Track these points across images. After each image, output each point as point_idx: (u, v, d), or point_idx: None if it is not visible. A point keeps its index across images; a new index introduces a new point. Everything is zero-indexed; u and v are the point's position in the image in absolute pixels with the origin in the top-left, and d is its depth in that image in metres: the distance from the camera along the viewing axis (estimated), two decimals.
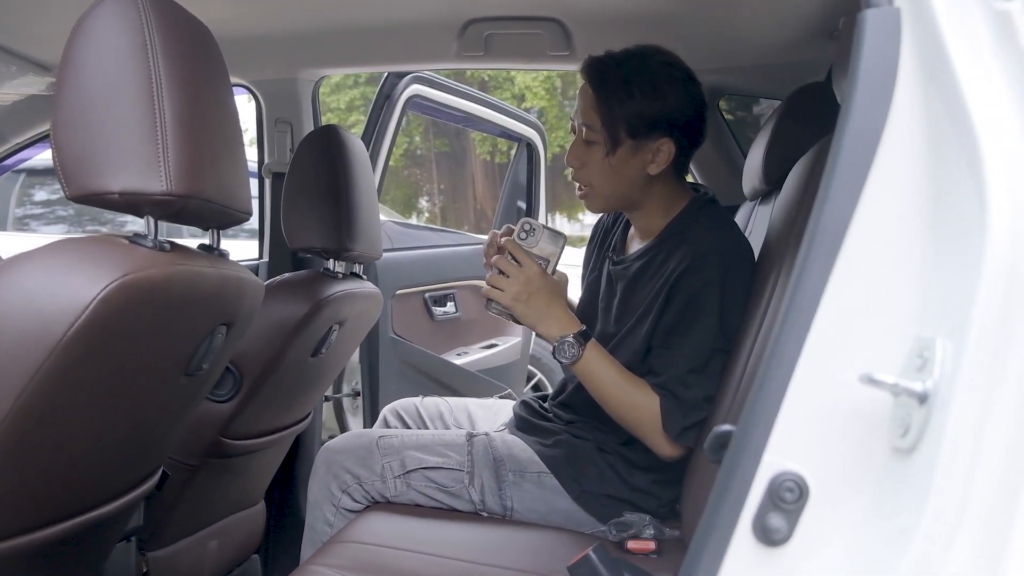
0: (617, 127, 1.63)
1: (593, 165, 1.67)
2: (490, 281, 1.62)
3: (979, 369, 0.64)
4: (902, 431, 0.66)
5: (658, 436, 1.59)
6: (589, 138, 1.66)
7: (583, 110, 1.67)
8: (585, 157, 1.68)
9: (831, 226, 0.72)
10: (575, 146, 1.70)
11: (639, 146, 1.64)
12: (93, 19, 1.09)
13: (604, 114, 1.63)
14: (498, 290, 1.60)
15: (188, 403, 1.44)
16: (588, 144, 1.67)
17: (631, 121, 1.62)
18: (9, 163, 2.50)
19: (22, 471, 1.09)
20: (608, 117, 1.63)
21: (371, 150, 2.67)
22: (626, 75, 1.63)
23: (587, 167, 1.69)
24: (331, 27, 2.17)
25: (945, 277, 0.69)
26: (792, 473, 0.70)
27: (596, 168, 1.67)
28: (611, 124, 1.63)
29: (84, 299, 1.00)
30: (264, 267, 2.60)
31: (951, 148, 0.71)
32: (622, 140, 1.64)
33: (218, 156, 1.19)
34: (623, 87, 1.62)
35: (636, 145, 1.64)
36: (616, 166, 1.65)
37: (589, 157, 1.68)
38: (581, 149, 1.69)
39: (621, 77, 1.63)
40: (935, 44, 0.73)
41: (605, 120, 1.63)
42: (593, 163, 1.67)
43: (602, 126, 1.64)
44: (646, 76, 1.62)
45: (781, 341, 0.73)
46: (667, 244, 1.66)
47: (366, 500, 1.74)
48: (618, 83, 1.63)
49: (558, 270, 1.65)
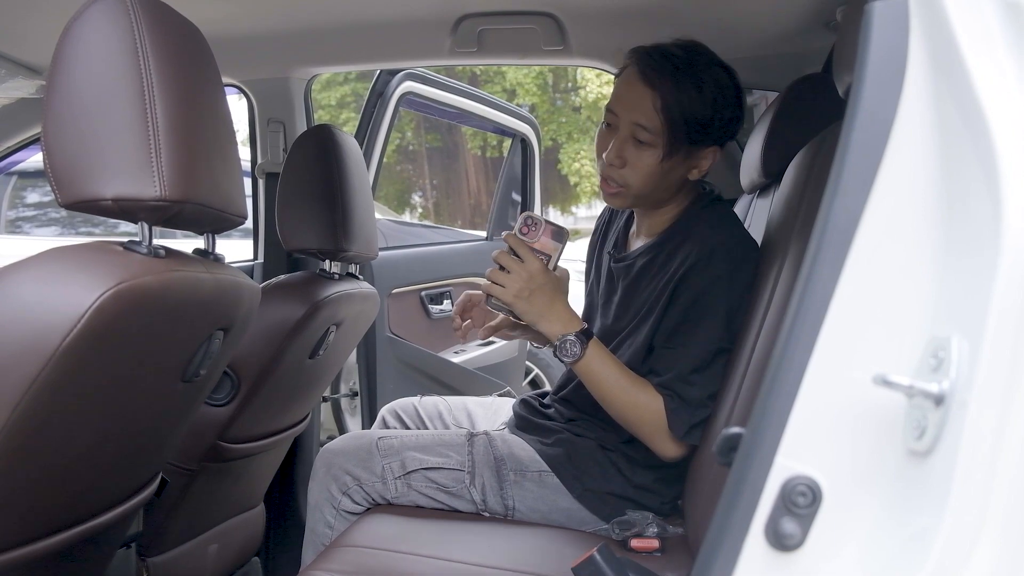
0: (681, 133, 1.56)
1: (640, 167, 1.60)
2: (491, 277, 1.59)
3: (997, 369, 0.63)
4: (918, 433, 0.65)
5: (661, 436, 1.58)
6: (643, 138, 1.58)
7: (640, 108, 1.57)
8: (632, 158, 1.60)
9: (841, 223, 0.71)
10: (620, 144, 1.60)
11: (692, 153, 1.60)
12: (82, 23, 1.07)
13: (671, 118, 1.56)
14: (499, 286, 1.58)
15: (186, 409, 1.42)
16: (638, 144, 1.59)
17: (697, 128, 1.57)
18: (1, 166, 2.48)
19: (20, 482, 1.08)
20: (676, 122, 1.56)
21: (365, 148, 2.65)
22: (699, 78, 1.55)
23: (631, 167, 1.61)
24: (323, 25, 2.15)
25: (959, 274, 0.68)
26: (805, 477, 0.69)
27: (643, 171, 1.60)
28: (677, 129, 1.56)
29: (79, 309, 0.99)
30: (259, 268, 2.58)
31: (963, 144, 0.69)
32: (681, 147, 1.58)
33: (212, 160, 1.17)
34: (697, 91, 1.55)
35: (690, 152, 1.60)
36: (666, 171, 1.60)
37: (638, 159, 1.60)
38: (629, 149, 1.60)
39: (694, 80, 1.55)
40: (945, 36, 0.72)
41: (671, 124, 1.56)
42: (641, 165, 1.60)
43: (665, 129, 1.56)
44: (715, 82, 1.56)
45: (791, 341, 0.71)
46: (671, 241, 1.64)
47: (366, 502, 1.73)
48: (692, 87, 1.55)
49: (559, 265, 1.63)
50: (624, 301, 1.69)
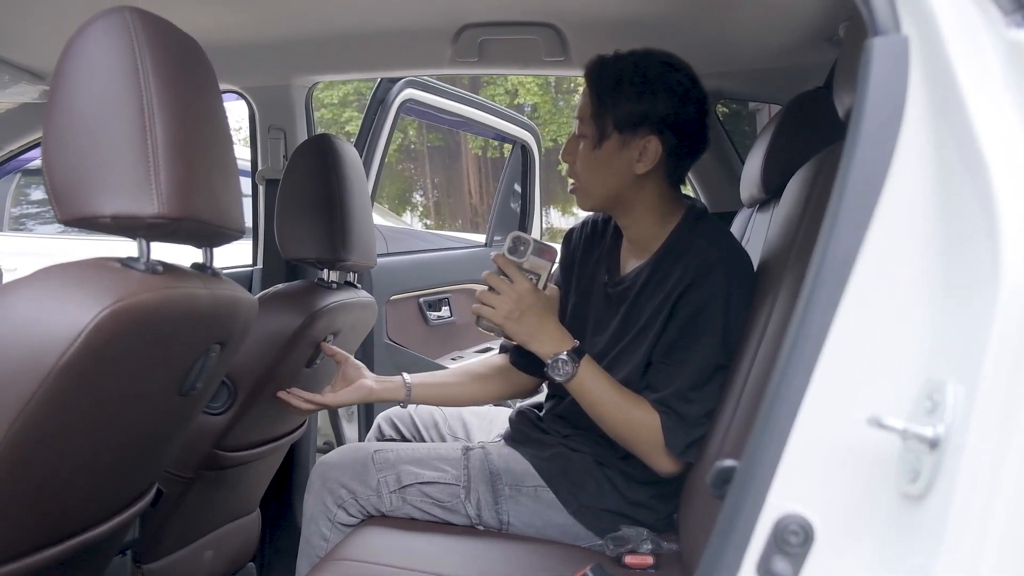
0: (605, 120, 1.63)
1: (581, 159, 1.67)
2: (480, 298, 1.59)
3: (992, 415, 0.63)
4: (912, 476, 0.65)
5: (657, 453, 1.57)
6: (581, 131, 1.67)
7: (580, 105, 1.68)
8: (576, 152, 1.68)
9: (837, 261, 0.71)
10: (569, 142, 1.71)
11: (625, 141, 1.63)
12: (83, 40, 1.07)
13: (594, 108, 1.64)
14: (489, 307, 1.58)
15: (183, 421, 1.42)
16: (580, 138, 1.67)
17: (618, 115, 1.62)
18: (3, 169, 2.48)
19: (16, 497, 1.08)
20: (597, 111, 1.64)
21: (365, 156, 2.65)
22: (620, 71, 1.63)
23: (579, 162, 1.68)
24: (324, 34, 2.15)
25: (956, 316, 0.67)
26: (797, 516, 0.69)
27: (583, 162, 1.67)
28: (599, 117, 1.64)
29: (76, 327, 0.99)
30: (258, 274, 2.58)
31: (962, 183, 0.69)
32: (609, 133, 1.63)
33: (210, 175, 1.17)
34: (614, 83, 1.63)
35: (623, 140, 1.63)
36: (602, 159, 1.65)
37: (578, 151, 1.68)
38: (573, 143, 1.69)
39: (615, 73, 1.63)
40: (945, 74, 0.72)
41: (595, 113, 1.64)
42: (582, 157, 1.67)
43: (591, 117, 1.64)
44: (640, 73, 1.63)
45: (785, 379, 0.71)
46: (668, 258, 1.64)
47: (361, 514, 1.72)
48: (610, 78, 1.64)
49: (549, 284, 1.63)
50: (623, 322, 1.68)
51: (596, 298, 1.77)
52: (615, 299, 1.71)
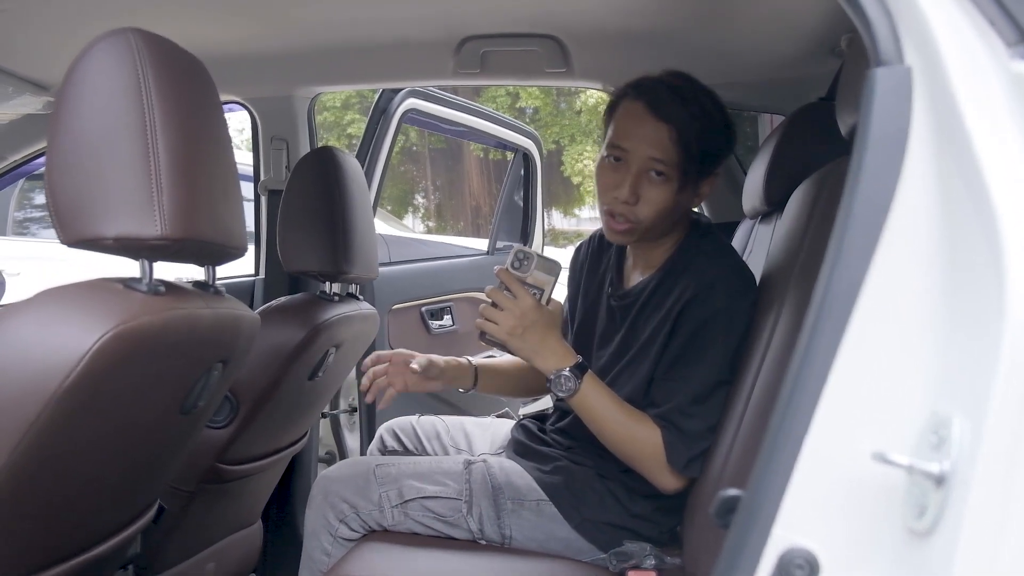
0: (694, 164, 1.57)
1: (655, 202, 1.58)
2: (484, 314, 1.58)
3: (1000, 451, 0.62)
4: (918, 512, 0.65)
5: (660, 469, 1.57)
6: (661, 171, 1.57)
7: (655, 143, 1.56)
8: (647, 193, 1.58)
9: (841, 292, 0.71)
10: (635, 180, 1.58)
11: (700, 182, 1.61)
12: (87, 62, 1.07)
13: (687, 150, 1.56)
14: (492, 323, 1.57)
15: (185, 438, 1.42)
16: (653, 179, 1.58)
17: (707, 157, 1.59)
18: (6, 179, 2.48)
19: (19, 519, 1.08)
20: (691, 153, 1.56)
21: (367, 166, 2.65)
22: (705, 109, 1.57)
23: (644, 202, 1.59)
24: (327, 46, 2.15)
25: (961, 350, 0.67)
26: (802, 549, 0.68)
27: (657, 205, 1.58)
28: (689, 159, 1.56)
29: (79, 351, 0.99)
30: (260, 284, 2.58)
31: (967, 215, 0.69)
32: (692, 180, 1.59)
33: (213, 195, 1.17)
34: (708, 121, 1.57)
35: (699, 182, 1.61)
36: (677, 202, 1.60)
37: (653, 193, 1.58)
38: (643, 185, 1.58)
39: (700, 111, 1.57)
40: (948, 105, 0.71)
41: (687, 156, 1.56)
42: (656, 199, 1.58)
43: (679, 161, 1.56)
44: (718, 112, 1.59)
45: (790, 410, 0.71)
46: (672, 274, 1.63)
47: (363, 529, 1.72)
48: (702, 117, 1.57)
49: (553, 299, 1.63)
50: (626, 337, 1.68)
51: (601, 312, 1.77)
52: (619, 313, 1.71)
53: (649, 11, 1.93)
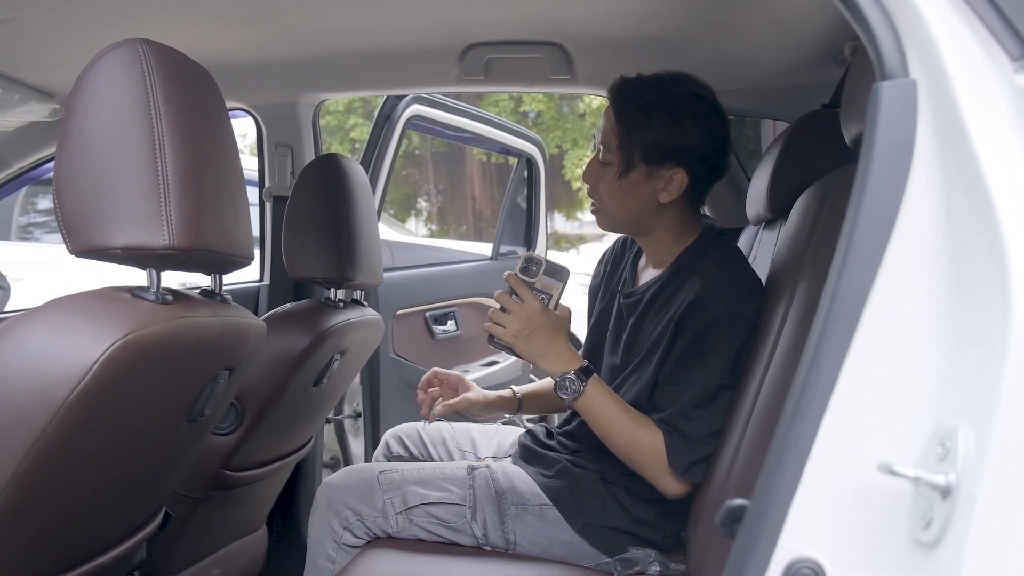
0: (632, 151, 1.63)
1: (605, 185, 1.68)
2: (492, 317, 1.61)
3: (1006, 462, 0.63)
4: (924, 523, 0.65)
5: (663, 473, 1.57)
6: (605, 159, 1.67)
7: (604, 130, 1.68)
8: (599, 176, 1.69)
9: (847, 304, 0.71)
10: (591, 164, 1.71)
11: (652, 173, 1.64)
12: (95, 72, 1.08)
13: (621, 137, 1.64)
14: (500, 327, 1.60)
15: (191, 446, 1.42)
16: (603, 164, 1.68)
17: (646, 147, 1.62)
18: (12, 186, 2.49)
19: (27, 528, 1.08)
20: (624, 140, 1.63)
21: (371, 172, 2.66)
22: (648, 102, 1.62)
23: (601, 186, 1.69)
24: (332, 53, 2.16)
25: (967, 361, 0.67)
26: (809, 560, 0.69)
27: (607, 188, 1.68)
28: (626, 148, 1.63)
29: (87, 361, 0.99)
30: (265, 290, 2.59)
31: (972, 228, 0.69)
32: (635, 165, 1.64)
33: (220, 205, 1.18)
34: (641, 113, 1.62)
35: (649, 172, 1.64)
36: (627, 189, 1.66)
37: (602, 177, 1.68)
38: (596, 168, 1.69)
39: (643, 103, 1.63)
40: (953, 118, 0.72)
41: (621, 143, 1.64)
42: (605, 183, 1.68)
43: (617, 148, 1.64)
44: (668, 105, 1.62)
45: (797, 420, 0.71)
46: (677, 277, 1.65)
47: (368, 536, 1.73)
48: (638, 108, 1.63)
49: (561, 303, 1.64)
50: (630, 338, 1.69)
51: (613, 311, 1.79)
52: (626, 311, 1.73)
53: (653, 18, 1.93)
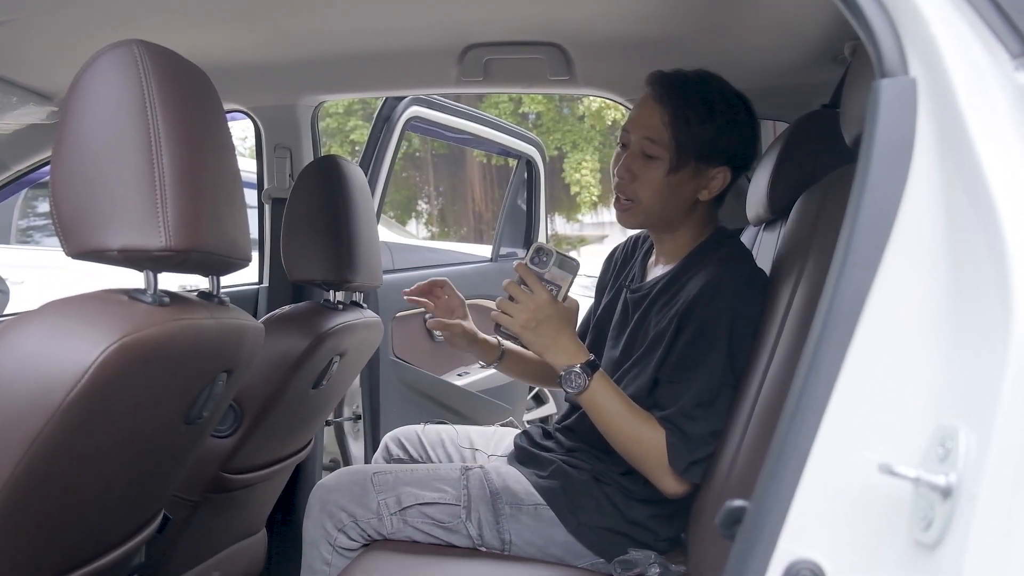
0: (688, 147, 1.61)
1: (648, 181, 1.65)
2: (500, 306, 1.60)
3: (1007, 463, 0.62)
4: (924, 524, 0.65)
5: (663, 472, 1.57)
6: (651, 152, 1.64)
7: (649, 124, 1.64)
8: (640, 171, 1.66)
9: (846, 305, 0.71)
10: (630, 158, 1.67)
11: (700, 171, 1.64)
12: (91, 74, 1.08)
13: (678, 131, 1.61)
14: (507, 316, 1.58)
15: (189, 449, 1.42)
16: (647, 158, 1.65)
17: (704, 144, 1.61)
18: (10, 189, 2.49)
19: (23, 531, 1.08)
20: (682, 135, 1.61)
21: (370, 174, 2.65)
22: (708, 97, 1.62)
23: (639, 181, 1.66)
24: (330, 54, 2.15)
25: (967, 363, 0.67)
26: (809, 561, 0.68)
27: (651, 184, 1.65)
28: (683, 143, 1.61)
29: (83, 363, 0.98)
30: (264, 292, 2.58)
31: (972, 227, 0.69)
32: (688, 162, 1.63)
33: (217, 207, 1.17)
34: (705, 108, 1.61)
35: (698, 170, 1.64)
36: (673, 186, 1.64)
37: (645, 172, 1.65)
38: (637, 162, 1.66)
39: (703, 98, 1.61)
40: (953, 116, 0.71)
41: (677, 137, 1.61)
42: (648, 178, 1.65)
43: (672, 142, 1.62)
44: (727, 102, 1.62)
45: (796, 421, 0.71)
46: (685, 273, 1.65)
47: (362, 538, 1.72)
48: (700, 103, 1.61)
49: (570, 296, 1.64)
50: (634, 332, 1.69)
51: (619, 305, 1.79)
52: (632, 305, 1.73)
53: (652, 19, 1.93)
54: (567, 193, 15.22)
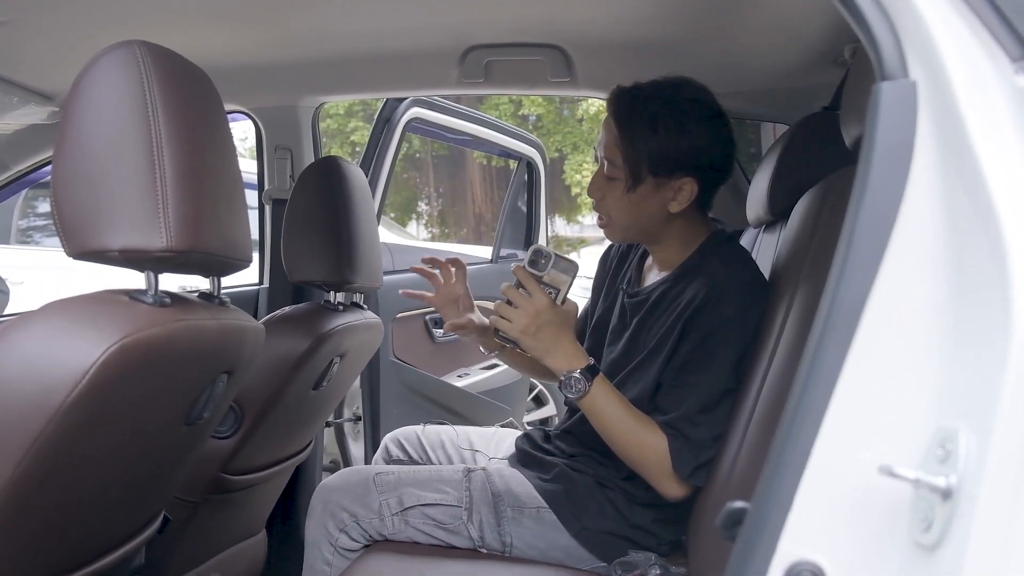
0: (639, 165, 1.60)
1: (613, 200, 1.65)
2: (498, 310, 1.59)
3: (1007, 465, 0.62)
4: (924, 526, 0.65)
5: (664, 476, 1.57)
6: (610, 173, 1.63)
7: (606, 144, 1.64)
8: (606, 191, 1.66)
9: (846, 307, 0.71)
10: (596, 178, 1.67)
11: (661, 184, 1.61)
12: (93, 74, 1.08)
13: (626, 151, 1.60)
14: (506, 320, 1.58)
15: (189, 450, 1.42)
16: (608, 179, 1.64)
17: (654, 159, 1.59)
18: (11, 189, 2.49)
19: (23, 532, 1.08)
20: (630, 154, 1.60)
21: (371, 175, 2.66)
22: (652, 112, 1.58)
23: (606, 200, 1.66)
24: (331, 56, 2.16)
25: (968, 365, 0.67)
26: (810, 563, 0.68)
27: (616, 203, 1.65)
28: (633, 161, 1.60)
29: (84, 364, 0.99)
30: (264, 293, 2.58)
31: (972, 229, 0.69)
32: (643, 178, 1.61)
33: (218, 207, 1.17)
34: (648, 124, 1.58)
35: (658, 183, 1.61)
36: (636, 202, 1.63)
37: (610, 191, 1.65)
38: (602, 182, 1.66)
39: (647, 114, 1.58)
40: (953, 119, 0.72)
41: (627, 157, 1.60)
42: (613, 198, 1.65)
43: (623, 162, 1.61)
44: (672, 114, 1.58)
45: (797, 422, 0.71)
46: (684, 278, 1.64)
47: (364, 539, 1.72)
48: (643, 120, 1.58)
49: (569, 299, 1.63)
50: (634, 336, 1.68)
51: (616, 309, 1.78)
52: (630, 310, 1.72)
53: (652, 21, 1.93)
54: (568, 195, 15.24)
